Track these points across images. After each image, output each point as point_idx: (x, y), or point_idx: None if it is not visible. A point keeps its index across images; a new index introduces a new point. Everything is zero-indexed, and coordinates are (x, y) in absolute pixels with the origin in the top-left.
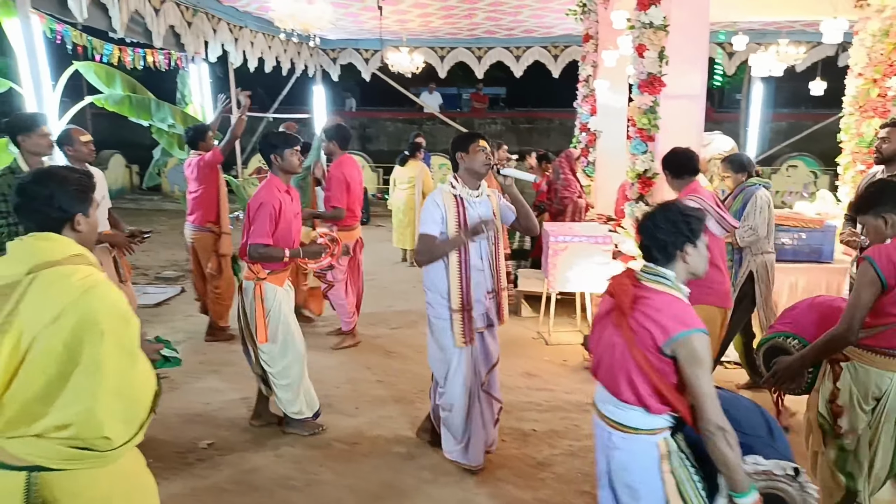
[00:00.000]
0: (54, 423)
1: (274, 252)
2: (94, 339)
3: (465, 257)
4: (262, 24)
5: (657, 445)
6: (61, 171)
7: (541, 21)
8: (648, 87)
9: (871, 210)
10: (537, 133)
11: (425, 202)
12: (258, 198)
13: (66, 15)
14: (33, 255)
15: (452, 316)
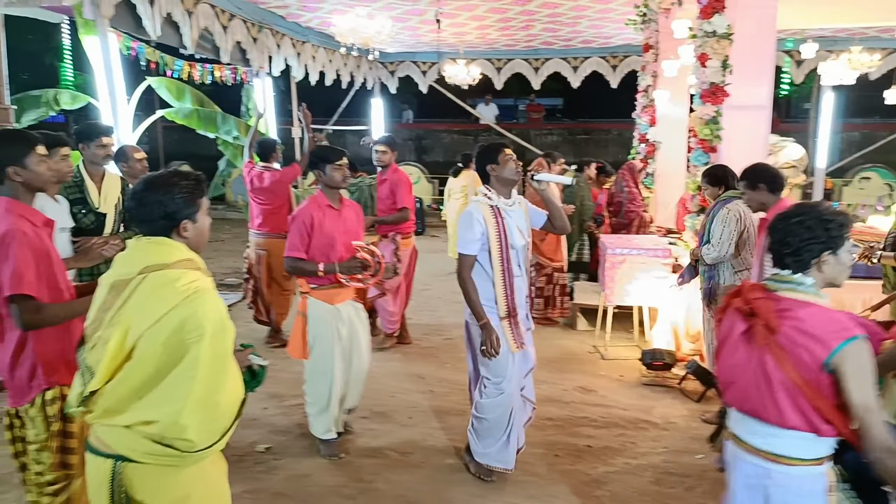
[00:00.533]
0: (142, 419)
1: (306, 266)
2: (195, 343)
3: (507, 266)
4: (324, 39)
5: (825, 475)
6: (169, 178)
7: (599, 31)
8: (711, 96)
9: None
10: (594, 144)
11: (462, 217)
12: (294, 212)
13: (141, 33)
14: (145, 256)
15: (502, 323)
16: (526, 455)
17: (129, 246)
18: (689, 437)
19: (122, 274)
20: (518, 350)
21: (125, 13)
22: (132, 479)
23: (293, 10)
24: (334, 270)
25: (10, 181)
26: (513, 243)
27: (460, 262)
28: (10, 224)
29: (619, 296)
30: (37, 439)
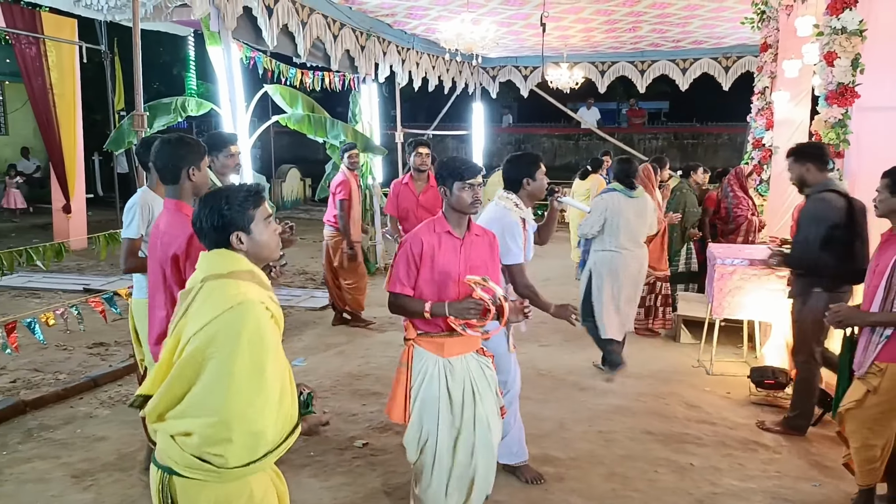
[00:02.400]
0: (181, 429)
1: (411, 304)
2: (228, 353)
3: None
4: (428, 45)
5: None
6: (220, 191)
7: (712, 31)
8: (838, 98)
9: None
10: (702, 149)
11: (507, 225)
12: (404, 237)
13: (260, 43)
14: (208, 266)
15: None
16: (626, 469)
17: (200, 256)
18: (804, 462)
19: (189, 283)
20: (513, 350)
21: (246, 25)
22: (175, 492)
23: (400, 17)
24: (443, 313)
25: (184, 182)
26: (527, 256)
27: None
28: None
29: (727, 308)
30: None
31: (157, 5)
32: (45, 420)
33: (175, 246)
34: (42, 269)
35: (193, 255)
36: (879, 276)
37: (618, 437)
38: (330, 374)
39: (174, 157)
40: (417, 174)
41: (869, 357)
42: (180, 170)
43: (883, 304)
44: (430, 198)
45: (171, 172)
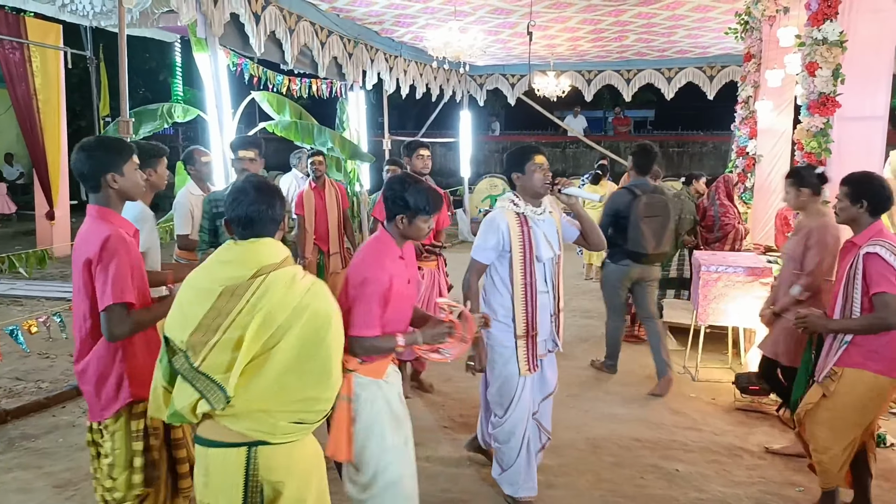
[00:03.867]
0: (290, 400)
1: (383, 343)
2: (327, 330)
3: (531, 280)
4: (416, 53)
5: None
6: (268, 183)
7: (696, 41)
8: (819, 108)
9: None
10: (687, 157)
11: (483, 223)
12: (360, 270)
13: (247, 50)
14: (257, 258)
15: (517, 343)
16: (613, 475)
17: (230, 249)
18: (789, 468)
19: (233, 278)
20: (529, 373)
21: (233, 31)
22: (267, 461)
23: (387, 25)
24: (417, 342)
25: (106, 188)
26: (538, 255)
27: (470, 267)
28: (110, 230)
29: (712, 315)
30: (111, 453)
31: (144, 11)
32: (26, 429)
33: (89, 251)
34: (25, 277)
35: (105, 260)
36: (839, 282)
37: (606, 444)
38: None
39: (90, 163)
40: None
41: (829, 362)
42: (99, 177)
43: (842, 311)
44: None
45: (89, 181)
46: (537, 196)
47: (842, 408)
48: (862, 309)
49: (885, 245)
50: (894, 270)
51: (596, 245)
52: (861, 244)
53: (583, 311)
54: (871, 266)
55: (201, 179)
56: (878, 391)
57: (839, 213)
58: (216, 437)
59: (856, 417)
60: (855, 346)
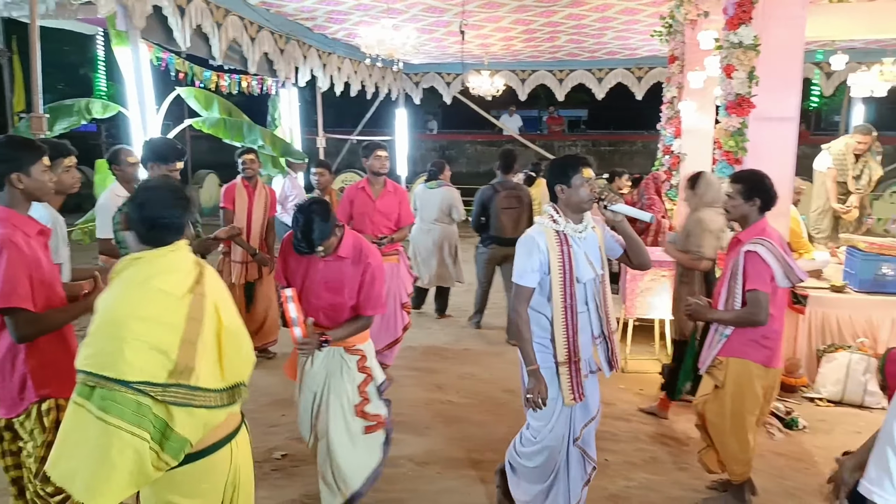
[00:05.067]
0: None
1: None
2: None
3: (571, 302)
4: (350, 51)
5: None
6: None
7: (625, 43)
8: (736, 108)
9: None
10: (619, 155)
11: (521, 242)
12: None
13: (172, 44)
14: (190, 254)
15: (559, 370)
16: None
17: (175, 252)
18: None
19: (189, 276)
20: (572, 403)
21: (156, 25)
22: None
23: (320, 21)
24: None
25: (11, 188)
26: (578, 276)
27: (516, 294)
28: (1, 235)
29: (639, 308)
30: (34, 451)
31: (61, 2)
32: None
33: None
34: None
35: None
36: (724, 278)
37: None
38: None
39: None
40: (375, 178)
41: (712, 353)
42: (4, 176)
43: (725, 303)
44: (387, 203)
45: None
46: (581, 211)
47: (731, 397)
48: (742, 303)
49: (765, 244)
50: (770, 270)
51: (641, 265)
52: (744, 241)
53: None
54: (750, 264)
55: (127, 180)
56: (760, 380)
57: (731, 210)
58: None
59: (744, 404)
60: (736, 336)
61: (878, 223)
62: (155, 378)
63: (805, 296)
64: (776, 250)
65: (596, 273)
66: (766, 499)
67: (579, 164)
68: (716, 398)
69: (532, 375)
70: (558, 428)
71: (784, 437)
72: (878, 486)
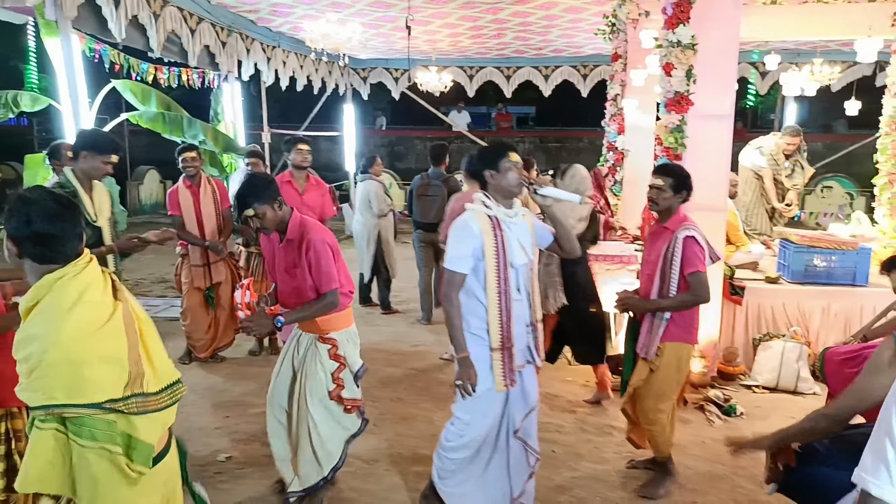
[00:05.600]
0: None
1: None
2: None
3: (505, 287)
4: (295, 44)
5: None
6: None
7: (570, 41)
8: (675, 105)
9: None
10: (566, 152)
11: (454, 228)
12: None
13: (106, 35)
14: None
15: (492, 356)
16: None
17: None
18: None
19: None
20: (505, 389)
21: (89, 14)
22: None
23: (264, 14)
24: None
25: None
26: (512, 261)
27: (448, 280)
28: None
29: None
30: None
31: None
32: None
33: None
34: None
35: None
36: (652, 265)
37: None
38: (192, 388)
39: None
40: (298, 172)
41: (654, 340)
42: None
43: (659, 291)
44: (314, 196)
45: None
46: (510, 196)
47: (665, 379)
48: (678, 288)
49: (696, 229)
50: (704, 252)
51: (569, 252)
52: (675, 229)
53: None
54: (689, 248)
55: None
56: (687, 358)
57: (659, 202)
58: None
59: (674, 385)
60: (674, 322)
61: (811, 217)
62: (116, 394)
63: (742, 287)
64: (702, 233)
65: (528, 258)
66: (703, 482)
67: (506, 149)
68: (651, 382)
69: (462, 362)
70: (488, 420)
71: (723, 423)
72: (874, 475)
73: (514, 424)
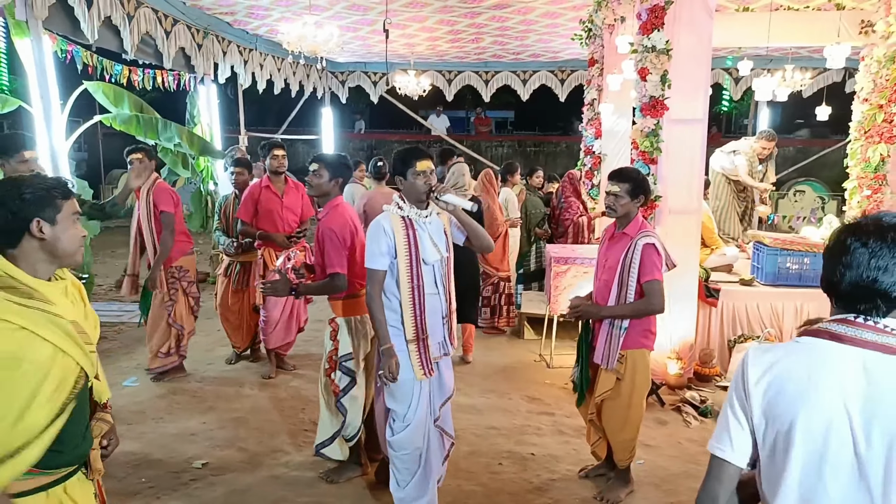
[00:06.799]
0: None
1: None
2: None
3: (418, 283)
4: (272, 47)
5: None
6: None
7: (547, 46)
8: (651, 110)
9: None
10: (544, 156)
11: (370, 229)
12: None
13: (78, 36)
14: None
15: (409, 347)
16: (469, 464)
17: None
18: None
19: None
20: (424, 377)
21: (61, 15)
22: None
23: (240, 16)
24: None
25: None
26: (425, 258)
27: (369, 278)
28: None
29: (563, 305)
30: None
31: None
32: None
33: None
34: None
35: None
36: (610, 271)
37: (464, 435)
38: (165, 394)
39: None
40: (275, 177)
41: (615, 348)
42: None
43: (618, 298)
44: (293, 199)
45: None
46: (418, 201)
47: (633, 386)
48: (636, 295)
49: (654, 236)
50: (662, 259)
51: (481, 248)
52: (633, 235)
53: None
54: (648, 256)
55: None
56: (648, 363)
57: (616, 209)
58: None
59: (643, 391)
60: (633, 329)
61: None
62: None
63: (717, 289)
64: (661, 240)
65: (441, 255)
66: (677, 483)
67: (414, 157)
68: (617, 391)
69: (385, 353)
70: (420, 408)
71: (699, 424)
72: (718, 441)
73: (434, 413)
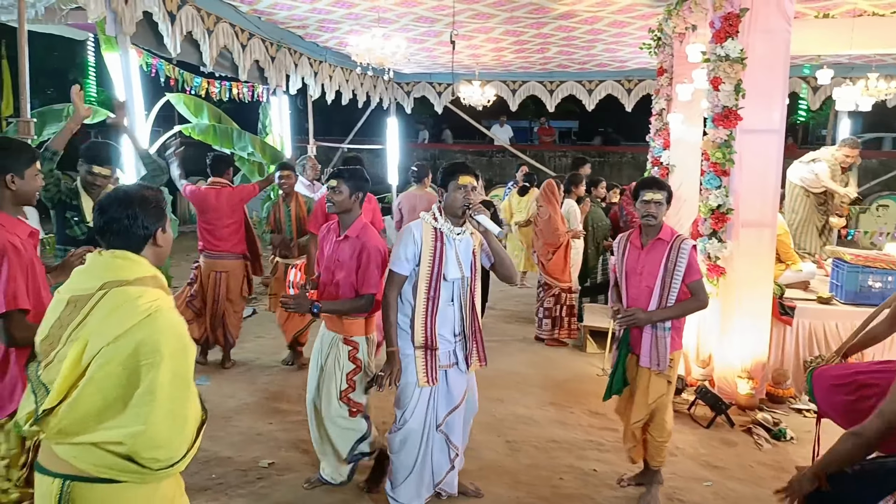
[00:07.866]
0: (108, 439)
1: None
2: (154, 364)
3: (434, 295)
4: (341, 59)
5: None
6: (140, 191)
7: (614, 55)
8: (723, 120)
9: None
10: (608, 166)
11: (401, 232)
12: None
13: (162, 50)
14: (107, 271)
15: (416, 353)
16: (530, 477)
17: (89, 260)
18: (697, 463)
19: (81, 289)
20: (426, 385)
21: (146, 31)
22: (80, 499)
23: (311, 30)
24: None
25: (4, 190)
26: (446, 274)
27: (388, 278)
28: (1, 239)
29: None
30: (8, 454)
31: (50, 7)
32: None
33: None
34: None
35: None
36: (651, 277)
37: (524, 447)
38: (235, 394)
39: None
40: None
41: (663, 351)
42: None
43: (659, 301)
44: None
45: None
46: (455, 215)
47: (671, 387)
48: (678, 296)
49: (691, 239)
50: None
51: (504, 278)
52: (668, 240)
53: (506, 316)
54: (693, 257)
55: None
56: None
57: (658, 216)
58: (42, 462)
59: (672, 391)
60: (675, 332)
61: (865, 236)
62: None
63: (792, 307)
64: None
65: (463, 274)
66: None
67: (458, 171)
68: (668, 396)
69: (389, 356)
70: (418, 413)
71: (771, 447)
72: None
73: (438, 420)
